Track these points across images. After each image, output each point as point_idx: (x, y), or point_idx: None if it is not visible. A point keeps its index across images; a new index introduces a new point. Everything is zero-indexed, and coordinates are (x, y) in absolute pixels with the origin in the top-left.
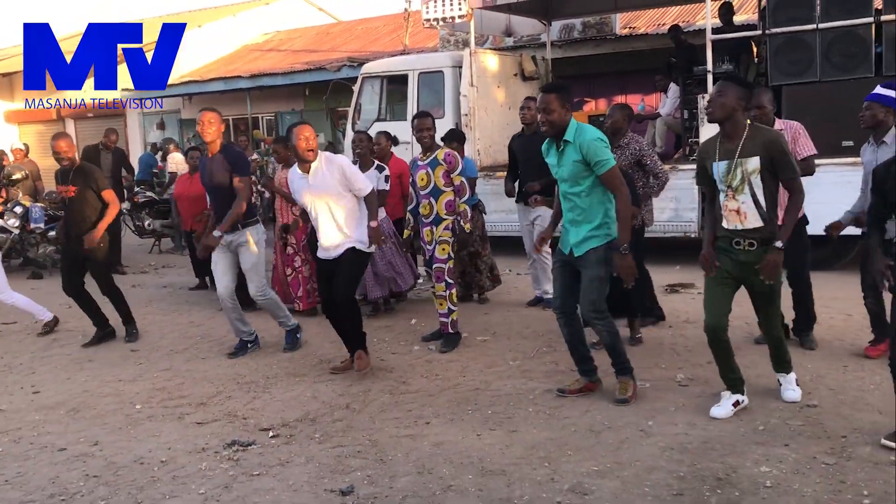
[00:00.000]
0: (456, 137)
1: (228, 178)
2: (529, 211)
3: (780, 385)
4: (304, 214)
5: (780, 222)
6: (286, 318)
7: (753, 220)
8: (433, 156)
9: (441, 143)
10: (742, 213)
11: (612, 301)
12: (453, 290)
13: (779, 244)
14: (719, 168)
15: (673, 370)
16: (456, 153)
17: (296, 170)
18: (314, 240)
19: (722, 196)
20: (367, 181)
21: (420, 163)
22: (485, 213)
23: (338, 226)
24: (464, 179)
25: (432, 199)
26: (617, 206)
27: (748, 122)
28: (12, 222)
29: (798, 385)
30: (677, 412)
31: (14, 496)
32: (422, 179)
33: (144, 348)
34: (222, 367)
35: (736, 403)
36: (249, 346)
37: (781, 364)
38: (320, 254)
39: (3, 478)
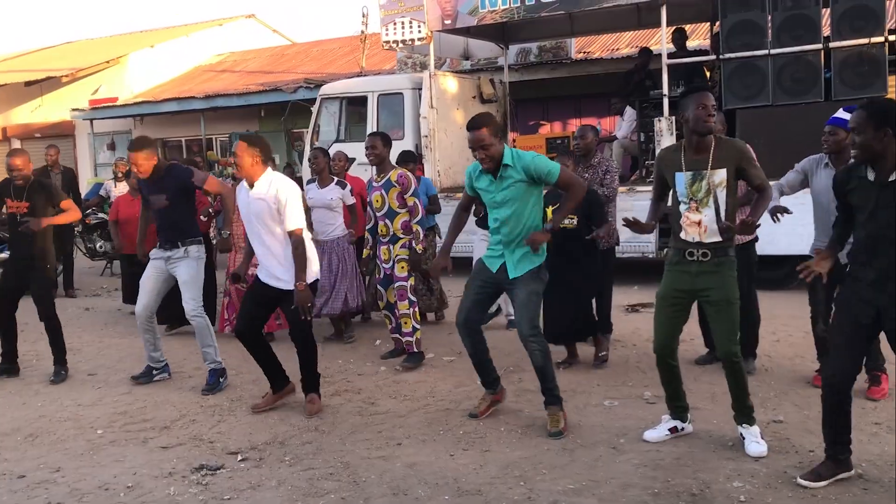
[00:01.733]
0: (410, 159)
1: (174, 197)
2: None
3: (743, 438)
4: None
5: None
6: (214, 351)
7: (712, 234)
8: (386, 177)
9: (395, 165)
10: (703, 225)
11: (577, 323)
12: (416, 309)
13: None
14: (683, 179)
15: (639, 388)
16: (409, 174)
17: (244, 186)
18: None
19: (683, 207)
20: (301, 221)
21: (375, 184)
22: (440, 237)
23: (274, 256)
24: (417, 200)
25: (388, 221)
26: (570, 194)
27: (713, 135)
28: None
29: (763, 438)
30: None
31: None
32: (377, 201)
33: (102, 372)
34: (184, 390)
35: (674, 429)
36: (156, 374)
37: (743, 411)
38: (263, 276)
39: None
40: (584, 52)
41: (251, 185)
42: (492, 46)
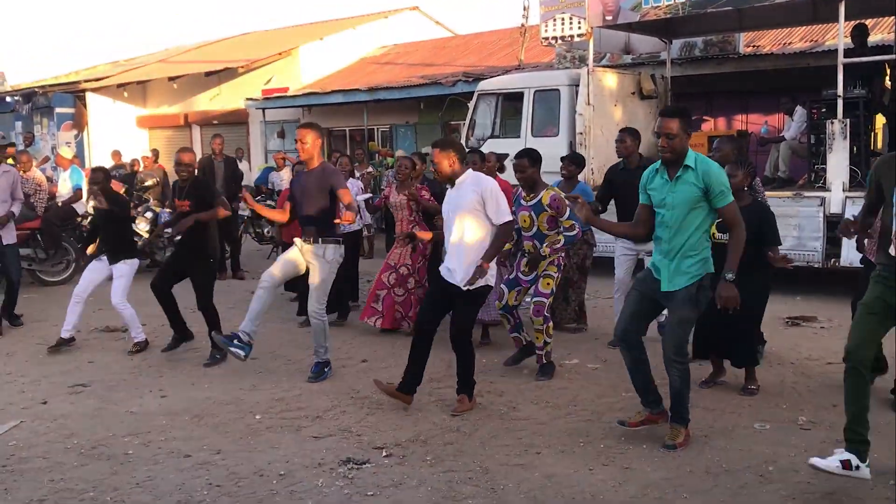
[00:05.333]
0: (577, 162)
1: (322, 193)
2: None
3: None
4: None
5: None
6: (325, 350)
7: None
8: (538, 199)
9: (548, 184)
10: None
11: (735, 344)
12: (550, 325)
13: None
14: None
15: (794, 412)
16: (562, 198)
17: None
18: (434, 265)
19: (895, 222)
20: (507, 212)
21: (523, 202)
22: (594, 246)
23: (465, 248)
24: (575, 222)
25: (536, 242)
26: (733, 236)
27: None
28: (143, 226)
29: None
30: (799, 458)
31: (145, 500)
32: (524, 221)
33: (263, 356)
34: (336, 380)
35: (847, 464)
36: (235, 342)
37: None
38: (443, 271)
39: (135, 480)
40: (754, 46)
41: (452, 185)
42: (654, 41)
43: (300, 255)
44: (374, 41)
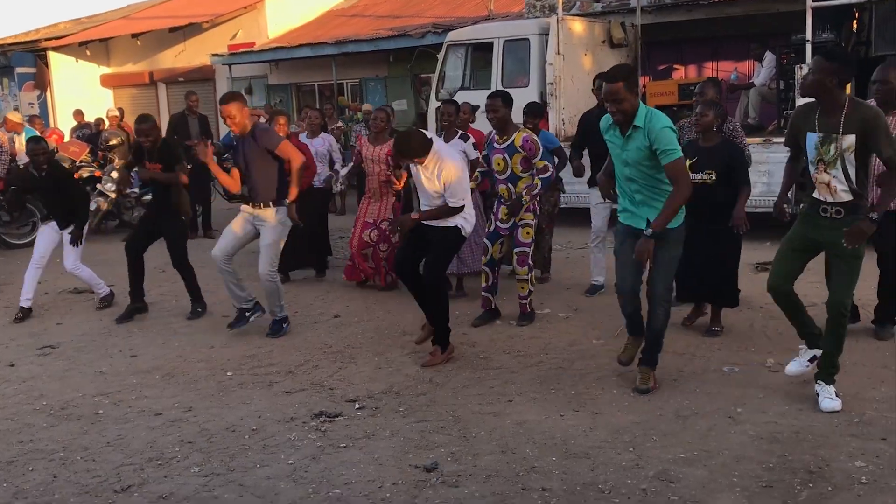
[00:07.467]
0: (536, 113)
1: (263, 158)
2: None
3: (817, 395)
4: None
5: (875, 200)
6: (280, 308)
7: (843, 195)
8: (510, 140)
9: (519, 126)
10: (832, 186)
11: (701, 286)
12: (533, 274)
13: (873, 216)
14: (813, 139)
15: (763, 354)
16: (534, 138)
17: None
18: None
19: (812, 168)
20: (463, 199)
21: (496, 145)
22: (563, 192)
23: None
24: (548, 163)
25: (510, 185)
26: (672, 195)
27: (848, 97)
28: (109, 186)
29: (838, 396)
30: (767, 399)
31: (116, 458)
32: (498, 164)
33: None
34: (309, 335)
35: (814, 359)
36: (248, 314)
37: (826, 369)
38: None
39: (106, 440)
40: None
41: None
42: None
43: (245, 223)
44: None
